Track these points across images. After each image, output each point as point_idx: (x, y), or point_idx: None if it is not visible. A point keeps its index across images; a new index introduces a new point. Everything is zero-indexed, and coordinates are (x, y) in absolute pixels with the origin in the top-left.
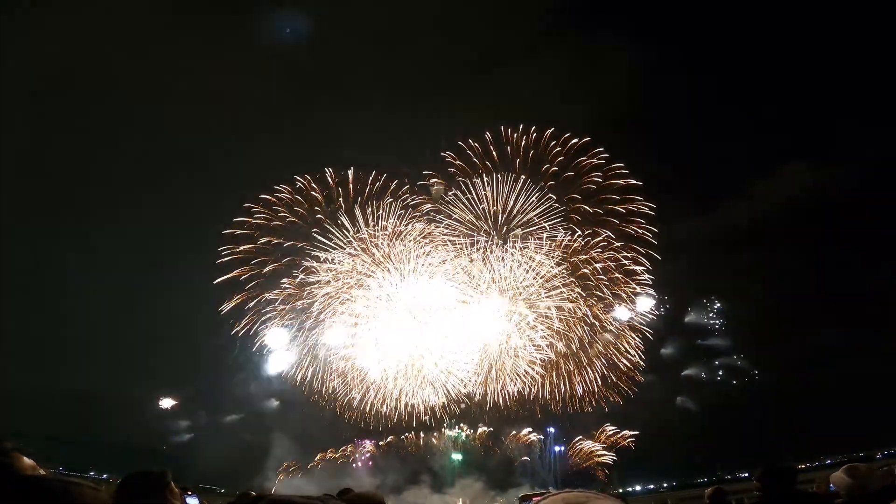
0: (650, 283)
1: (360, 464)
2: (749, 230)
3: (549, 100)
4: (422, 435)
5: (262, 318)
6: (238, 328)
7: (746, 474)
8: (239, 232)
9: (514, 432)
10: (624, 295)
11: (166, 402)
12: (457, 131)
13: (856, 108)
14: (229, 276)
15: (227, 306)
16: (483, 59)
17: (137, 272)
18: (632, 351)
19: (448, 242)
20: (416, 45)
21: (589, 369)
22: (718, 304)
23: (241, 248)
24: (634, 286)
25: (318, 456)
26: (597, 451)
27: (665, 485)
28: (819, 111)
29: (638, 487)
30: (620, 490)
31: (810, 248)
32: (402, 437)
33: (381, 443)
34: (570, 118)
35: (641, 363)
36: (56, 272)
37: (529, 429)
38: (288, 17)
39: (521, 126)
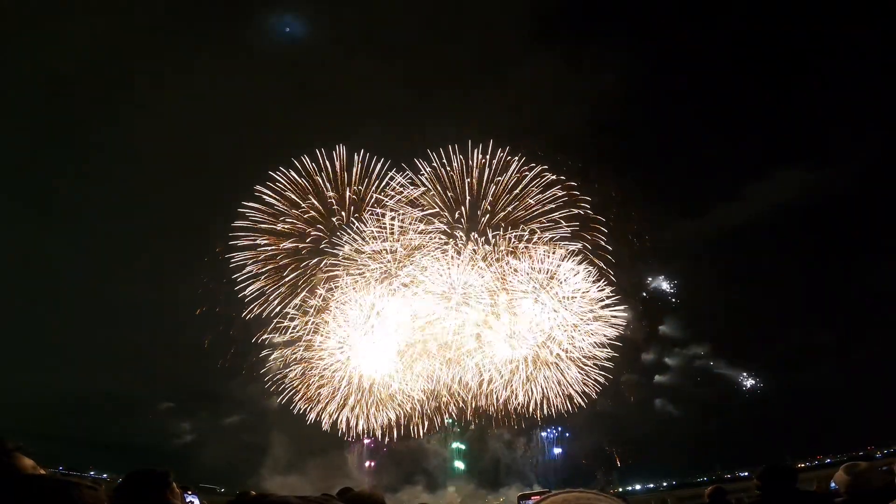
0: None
1: (356, 464)
2: (742, 233)
3: (541, 104)
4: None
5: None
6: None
7: (746, 474)
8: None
9: (503, 435)
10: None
11: (166, 404)
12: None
13: (848, 113)
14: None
15: (206, 338)
16: (474, 64)
17: (137, 273)
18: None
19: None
20: (407, 53)
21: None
22: (710, 306)
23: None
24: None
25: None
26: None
27: (665, 484)
28: (812, 115)
29: (638, 487)
30: (620, 489)
31: (806, 249)
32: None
33: (378, 442)
34: (562, 123)
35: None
36: (56, 274)
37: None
38: (287, 19)
39: (508, 147)
